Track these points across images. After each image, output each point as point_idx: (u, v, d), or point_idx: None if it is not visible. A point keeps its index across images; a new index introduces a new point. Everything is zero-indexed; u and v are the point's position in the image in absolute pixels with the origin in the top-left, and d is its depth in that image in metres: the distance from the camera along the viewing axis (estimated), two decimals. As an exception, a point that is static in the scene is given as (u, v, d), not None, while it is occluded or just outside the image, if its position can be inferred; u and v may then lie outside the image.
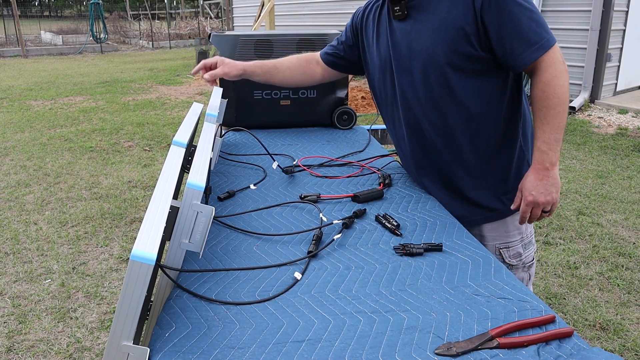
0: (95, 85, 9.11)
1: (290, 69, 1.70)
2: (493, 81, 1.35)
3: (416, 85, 1.40)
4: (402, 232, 1.22)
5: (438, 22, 1.32)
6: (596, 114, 6.29)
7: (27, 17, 31.07)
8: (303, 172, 1.65)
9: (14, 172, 4.54)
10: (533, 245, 1.55)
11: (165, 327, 0.87)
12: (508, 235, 1.49)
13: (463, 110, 1.37)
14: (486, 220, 1.48)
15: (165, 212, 0.84)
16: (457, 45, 1.30)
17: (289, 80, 1.72)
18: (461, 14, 1.29)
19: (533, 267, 1.55)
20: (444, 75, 1.34)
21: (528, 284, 1.56)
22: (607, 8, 6.25)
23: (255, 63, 1.68)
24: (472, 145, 1.41)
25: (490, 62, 1.32)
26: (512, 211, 1.45)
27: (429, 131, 1.43)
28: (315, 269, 1.07)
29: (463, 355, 0.81)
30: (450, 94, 1.36)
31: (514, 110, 1.42)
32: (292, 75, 1.71)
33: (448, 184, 1.48)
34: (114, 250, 3.17)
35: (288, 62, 1.70)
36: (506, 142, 1.42)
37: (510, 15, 1.25)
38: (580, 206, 3.70)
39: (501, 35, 1.27)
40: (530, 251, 1.53)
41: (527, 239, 1.52)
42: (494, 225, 1.48)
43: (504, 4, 1.24)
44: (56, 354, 2.26)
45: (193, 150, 1.43)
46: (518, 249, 1.50)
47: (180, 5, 23.01)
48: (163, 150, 5.20)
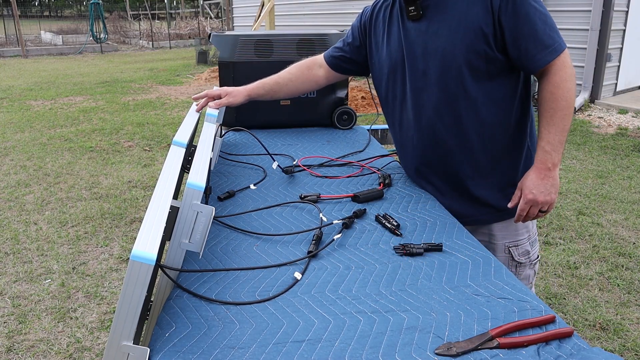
0: (95, 85, 9.11)
1: (292, 80, 1.69)
2: (505, 84, 1.38)
3: (431, 85, 1.41)
4: (402, 232, 1.22)
5: (456, 22, 1.33)
6: (596, 114, 6.29)
7: (27, 17, 31.08)
8: (303, 172, 1.65)
9: (14, 172, 4.54)
10: (537, 242, 1.58)
11: (165, 327, 0.87)
12: (517, 234, 1.51)
13: (477, 111, 1.39)
14: (496, 219, 1.50)
15: (165, 212, 0.84)
16: (475, 45, 1.32)
17: (294, 91, 1.71)
18: (480, 14, 1.30)
19: (537, 264, 1.59)
20: (460, 76, 1.35)
21: (533, 280, 1.59)
22: (607, 8, 6.25)
23: (257, 84, 1.67)
24: (483, 146, 1.43)
25: (504, 64, 1.35)
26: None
27: (442, 132, 1.43)
28: (315, 269, 1.07)
29: (463, 355, 0.81)
30: (466, 95, 1.37)
31: (524, 113, 1.44)
32: (296, 86, 1.69)
33: (458, 184, 1.49)
34: (114, 250, 3.17)
35: (289, 75, 1.69)
36: (515, 143, 1.45)
37: (526, 17, 1.27)
38: (580, 206, 3.70)
39: (517, 36, 1.29)
40: (536, 248, 1.57)
41: (533, 237, 1.55)
42: (504, 224, 1.50)
43: (521, 6, 1.27)
44: (56, 354, 2.26)
45: (193, 150, 1.43)
46: (526, 247, 1.53)
47: (180, 5, 23.01)
48: (163, 150, 5.20)
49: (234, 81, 2.06)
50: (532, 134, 1.49)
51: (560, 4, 6.62)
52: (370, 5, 1.59)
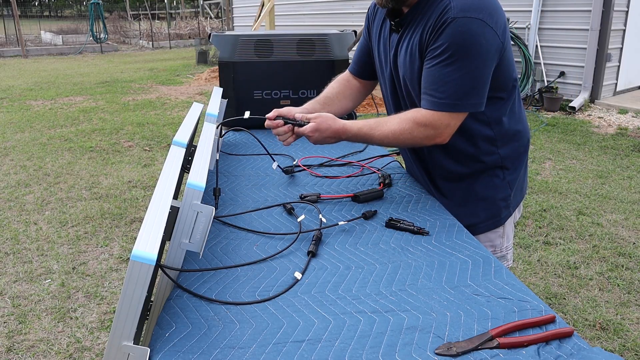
0: (95, 85, 9.11)
1: (340, 92, 1.65)
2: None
3: (404, 97, 1.44)
4: (428, 231, 1.23)
5: (410, 45, 1.34)
6: (596, 114, 6.29)
7: (27, 17, 31.06)
8: (303, 172, 1.65)
9: (14, 172, 4.54)
10: (507, 261, 1.54)
11: (165, 327, 0.87)
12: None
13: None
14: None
15: (165, 212, 0.84)
16: (416, 68, 1.34)
17: (345, 104, 1.66)
18: (420, 40, 1.31)
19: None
20: (417, 95, 1.37)
21: None
22: (607, 8, 6.25)
23: (310, 102, 1.62)
24: (446, 165, 1.45)
25: None
26: (483, 227, 1.47)
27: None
28: (315, 269, 1.07)
29: (463, 355, 0.81)
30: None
31: (497, 125, 1.41)
32: (345, 97, 1.66)
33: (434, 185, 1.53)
34: (114, 250, 3.17)
35: (332, 89, 1.65)
36: (473, 162, 1.43)
37: (441, 64, 1.26)
38: (580, 206, 3.70)
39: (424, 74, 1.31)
40: (506, 264, 1.54)
41: (500, 253, 1.52)
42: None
43: (444, 52, 1.24)
44: (56, 354, 2.26)
45: (193, 150, 1.43)
46: None
47: (180, 5, 23.00)
48: (163, 150, 5.20)
49: (234, 81, 2.06)
50: (509, 158, 1.45)
51: (560, 4, 6.62)
52: (373, 1, 1.56)
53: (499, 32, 1.24)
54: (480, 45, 1.22)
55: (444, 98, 1.26)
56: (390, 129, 1.33)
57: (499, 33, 1.24)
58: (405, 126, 1.31)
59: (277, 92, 2.11)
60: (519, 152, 1.46)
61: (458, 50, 1.22)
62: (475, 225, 1.44)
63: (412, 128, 1.30)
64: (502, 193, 1.46)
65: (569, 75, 6.74)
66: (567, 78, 6.76)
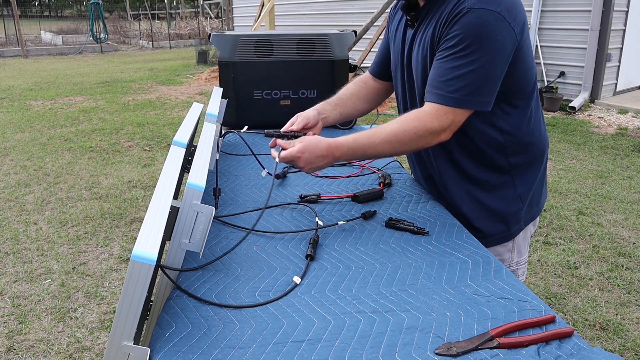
0: (95, 85, 9.10)
1: (354, 94, 1.60)
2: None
3: (418, 95, 1.38)
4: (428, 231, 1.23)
5: (424, 39, 1.30)
6: (596, 114, 6.29)
7: (27, 17, 31.05)
8: (303, 172, 1.65)
9: (14, 172, 4.54)
10: (518, 276, 1.48)
11: (165, 327, 0.87)
12: None
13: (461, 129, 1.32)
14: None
15: (165, 212, 0.84)
16: (428, 62, 1.29)
17: (359, 106, 1.62)
18: (434, 34, 1.26)
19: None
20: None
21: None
22: (607, 8, 6.25)
23: (322, 103, 1.56)
24: (457, 175, 1.39)
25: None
26: (491, 241, 1.42)
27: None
28: (315, 269, 1.07)
29: (463, 355, 0.81)
30: None
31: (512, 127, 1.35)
32: (359, 98, 1.61)
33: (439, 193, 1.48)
34: (114, 250, 3.17)
35: (348, 90, 1.60)
36: (482, 172, 1.38)
37: (451, 54, 1.21)
38: (580, 206, 3.70)
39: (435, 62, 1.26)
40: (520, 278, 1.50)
41: (510, 268, 1.46)
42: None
43: (456, 45, 1.19)
44: (56, 354, 2.26)
45: (193, 150, 1.43)
46: None
47: (180, 5, 23.00)
48: (163, 150, 5.20)
49: (234, 81, 2.06)
50: (521, 171, 1.39)
51: (560, 4, 6.62)
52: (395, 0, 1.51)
53: (517, 30, 1.18)
54: (495, 40, 1.16)
55: (452, 92, 1.19)
56: (392, 132, 1.25)
57: (516, 30, 1.18)
58: (408, 125, 1.24)
59: (277, 92, 2.11)
60: (531, 164, 1.39)
61: (472, 43, 1.16)
62: (482, 239, 1.36)
63: (416, 126, 1.23)
64: (513, 207, 1.39)
65: (569, 75, 6.74)
66: (567, 78, 6.76)
